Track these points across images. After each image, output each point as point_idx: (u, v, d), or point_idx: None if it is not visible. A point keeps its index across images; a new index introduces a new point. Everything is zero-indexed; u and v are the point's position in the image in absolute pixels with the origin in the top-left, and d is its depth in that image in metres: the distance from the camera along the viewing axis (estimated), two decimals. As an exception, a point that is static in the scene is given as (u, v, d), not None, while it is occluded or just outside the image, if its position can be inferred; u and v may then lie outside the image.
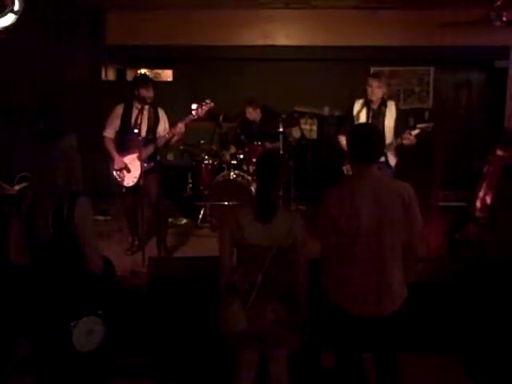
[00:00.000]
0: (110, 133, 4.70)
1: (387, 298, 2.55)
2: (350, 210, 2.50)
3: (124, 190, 4.74)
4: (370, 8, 6.65)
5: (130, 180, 4.70)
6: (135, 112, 4.66)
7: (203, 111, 4.74)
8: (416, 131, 4.40)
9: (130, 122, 4.65)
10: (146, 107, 4.67)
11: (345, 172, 4.65)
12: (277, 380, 2.70)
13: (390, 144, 4.47)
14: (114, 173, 4.72)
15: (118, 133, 4.71)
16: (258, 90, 6.67)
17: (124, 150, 4.67)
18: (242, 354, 2.68)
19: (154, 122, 4.72)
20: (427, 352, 3.62)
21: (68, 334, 2.31)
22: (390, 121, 4.57)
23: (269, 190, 2.63)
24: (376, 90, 4.52)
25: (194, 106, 4.80)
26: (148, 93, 4.62)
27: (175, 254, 5.00)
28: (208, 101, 4.79)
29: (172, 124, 4.78)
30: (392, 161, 4.61)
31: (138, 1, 6.42)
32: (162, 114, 4.81)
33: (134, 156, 4.58)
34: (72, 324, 2.32)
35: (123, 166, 4.66)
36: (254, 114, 6.17)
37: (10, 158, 5.07)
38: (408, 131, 4.40)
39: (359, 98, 4.69)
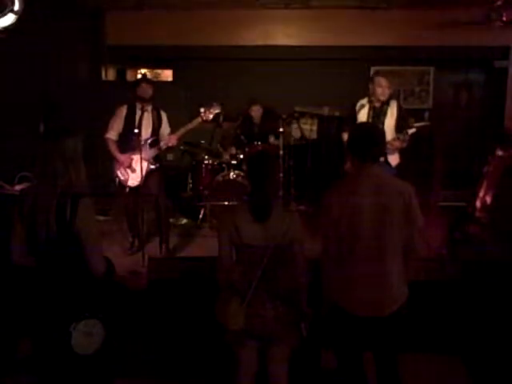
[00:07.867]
0: (112, 134, 4.70)
1: (388, 297, 2.55)
2: (351, 209, 2.50)
3: (127, 189, 4.74)
4: (369, 8, 6.66)
5: (134, 180, 4.70)
6: (138, 113, 4.66)
7: (210, 114, 4.77)
8: (412, 130, 4.39)
9: (134, 122, 4.65)
10: (149, 108, 4.69)
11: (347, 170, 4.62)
12: (276, 380, 2.69)
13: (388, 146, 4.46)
14: (119, 172, 4.73)
15: (121, 134, 4.70)
16: (258, 90, 6.67)
17: (129, 150, 4.67)
18: (241, 352, 2.68)
19: (158, 125, 4.75)
20: (427, 352, 3.61)
21: (68, 336, 2.31)
22: (390, 120, 4.53)
23: (262, 190, 2.64)
24: (386, 90, 4.50)
25: (201, 110, 4.81)
26: (145, 92, 4.62)
27: (175, 254, 4.99)
28: (215, 104, 4.81)
29: (174, 127, 4.80)
30: (393, 160, 4.57)
31: (138, 1, 6.42)
32: (164, 116, 4.83)
33: (139, 156, 4.59)
34: (72, 326, 2.32)
35: (129, 162, 4.67)
36: (258, 112, 6.19)
37: (10, 158, 5.07)
38: (400, 134, 4.39)
39: (362, 97, 4.66)
